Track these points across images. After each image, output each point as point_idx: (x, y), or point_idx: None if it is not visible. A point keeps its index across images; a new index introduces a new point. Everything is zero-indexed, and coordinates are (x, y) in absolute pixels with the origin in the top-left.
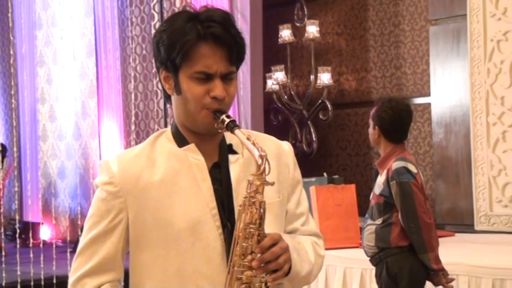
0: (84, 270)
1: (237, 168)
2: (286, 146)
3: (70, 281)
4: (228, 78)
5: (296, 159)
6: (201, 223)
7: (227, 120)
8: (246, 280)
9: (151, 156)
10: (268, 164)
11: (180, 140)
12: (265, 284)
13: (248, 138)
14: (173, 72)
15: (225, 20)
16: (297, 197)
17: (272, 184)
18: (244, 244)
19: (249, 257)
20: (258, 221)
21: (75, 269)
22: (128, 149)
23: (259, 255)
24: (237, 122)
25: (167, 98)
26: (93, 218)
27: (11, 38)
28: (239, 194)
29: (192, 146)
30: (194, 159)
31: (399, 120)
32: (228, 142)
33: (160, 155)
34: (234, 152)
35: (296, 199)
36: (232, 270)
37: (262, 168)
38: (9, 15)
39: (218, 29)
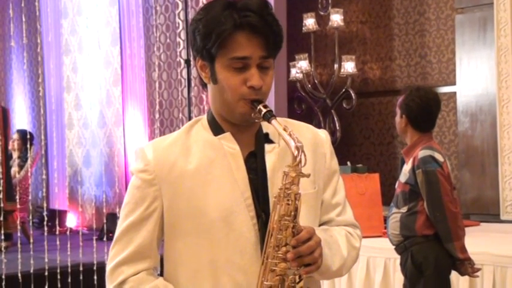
0: (121, 258)
1: (273, 158)
2: (323, 135)
3: (108, 268)
4: (264, 67)
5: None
6: (234, 213)
7: (264, 110)
8: (280, 272)
9: (187, 144)
10: (304, 155)
11: (216, 129)
12: (299, 276)
13: (285, 129)
14: (209, 61)
15: (261, 8)
16: (333, 187)
17: (308, 176)
18: (278, 236)
19: (284, 249)
20: (293, 213)
21: (113, 257)
22: (164, 136)
23: (294, 247)
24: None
25: (203, 86)
26: (128, 206)
27: (38, 27)
28: (274, 183)
29: (227, 135)
30: (229, 148)
31: (427, 109)
32: (264, 131)
33: (195, 143)
34: (271, 142)
35: (332, 189)
36: (266, 262)
37: (298, 159)
38: (36, 4)
39: (254, 17)
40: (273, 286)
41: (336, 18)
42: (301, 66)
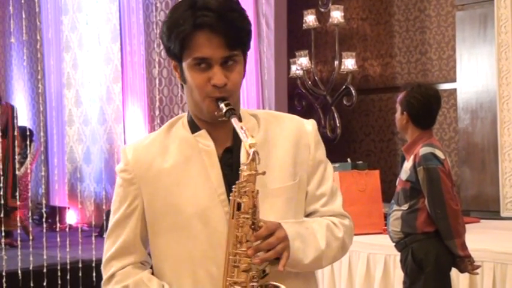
0: (111, 253)
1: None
2: (309, 126)
3: (102, 261)
4: (228, 64)
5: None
6: (209, 209)
7: (225, 108)
8: (244, 268)
9: (165, 143)
10: (257, 154)
11: (193, 127)
12: (263, 271)
13: (242, 127)
14: (178, 62)
15: (222, 5)
16: (318, 177)
17: (263, 173)
18: (237, 233)
19: (245, 246)
20: (251, 210)
21: (105, 252)
22: (145, 136)
23: (255, 243)
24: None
25: (182, 86)
26: (114, 204)
27: (38, 24)
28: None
29: (203, 132)
30: (204, 145)
31: (428, 106)
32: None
33: (173, 142)
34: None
35: (317, 180)
36: (229, 258)
37: (251, 157)
38: (36, 0)
39: (212, 17)
40: (238, 282)
41: (336, 15)
42: (302, 62)
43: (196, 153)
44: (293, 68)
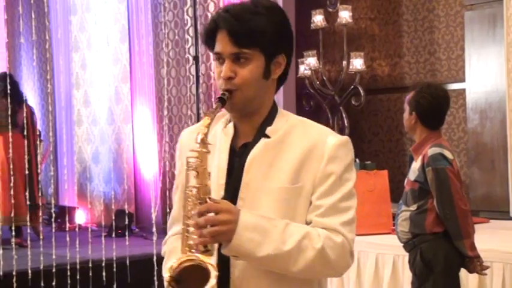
0: (169, 221)
1: (256, 150)
2: (333, 140)
3: None
4: (241, 60)
5: (343, 153)
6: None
7: (216, 100)
8: (188, 241)
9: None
10: (206, 137)
11: (228, 120)
12: (205, 247)
13: (209, 118)
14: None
15: (241, 8)
16: (323, 189)
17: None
18: (187, 206)
19: (191, 221)
20: (198, 185)
21: None
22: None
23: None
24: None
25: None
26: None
27: (47, 24)
28: (249, 173)
29: (230, 125)
30: (223, 140)
31: (437, 107)
32: (273, 125)
33: (212, 132)
34: (267, 136)
35: (322, 191)
36: (183, 229)
37: (200, 138)
38: (45, 0)
39: (227, 18)
40: (188, 260)
41: (345, 15)
42: (310, 63)
43: (216, 147)
44: (301, 68)
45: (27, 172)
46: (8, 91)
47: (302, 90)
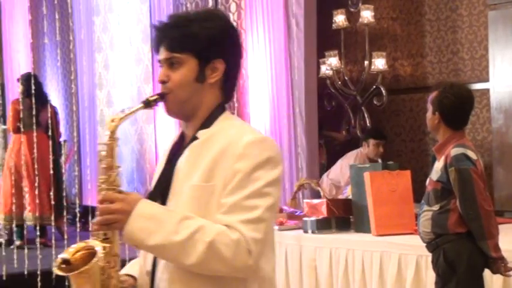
0: None
1: (185, 152)
2: (247, 138)
3: None
4: (174, 65)
5: (254, 151)
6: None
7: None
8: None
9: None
10: (112, 133)
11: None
12: (105, 234)
13: (122, 118)
14: None
15: (176, 16)
16: (230, 187)
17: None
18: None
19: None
20: (105, 177)
21: None
22: None
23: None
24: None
25: None
26: None
27: (70, 24)
28: (177, 175)
29: (180, 132)
30: (168, 144)
31: (460, 107)
32: (208, 128)
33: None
34: (197, 138)
35: (228, 189)
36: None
37: (108, 133)
38: (68, 1)
39: (162, 25)
40: (82, 246)
41: (367, 15)
42: (331, 63)
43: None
44: (323, 68)
45: (51, 172)
46: (32, 91)
47: (323, 90)
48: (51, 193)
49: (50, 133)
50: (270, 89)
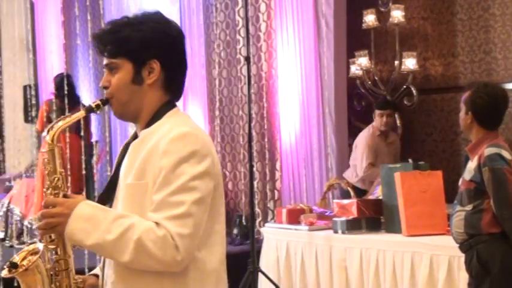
0: None
1: (128, 152)
2: (170, 134)
3: None
4: (113, 71)
5: (176, 146)
6: None
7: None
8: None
9: None
10: (45, 139)
11: None
12: (50, 237)
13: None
14: None
15: (112, 22)
16: (157, 184)
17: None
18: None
19: None
20: (48, 183)
21: None
22: None
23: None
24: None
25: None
26: None
27: (102, 25)
28: (121, 174)
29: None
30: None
31: (494, 106)
32: (149, 128)
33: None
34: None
35: (156, 187)
36: None
37: (47, 140)
38: (100, 2)
39: (99, 32)
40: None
41: (397, 15)
42: (361, 63)
43: None
44: (352, 68)
45: (84, 172)
46: (65, 92)
47: (353, 90)
48: (83, 193)
49: (82, 134)
50: (300, 89)
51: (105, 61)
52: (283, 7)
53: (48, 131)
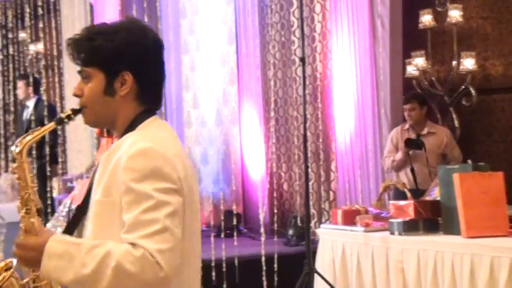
0: None
1: (100, 162)
2: (131, 150)
3: None
4: (85, 79)
5: (137, 163)
6: None
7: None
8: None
9: None
10: (12, 152)
11: None
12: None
13: (31, 134)
14: None
15: (87, 29)
16: (125, 203)
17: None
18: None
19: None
20: (19, 199)
21: None
22: None
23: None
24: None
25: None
26: None
27: (159, 27)
28: (95, 183)
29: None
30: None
31: None
32: (121, 139)
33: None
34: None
35: (124, 206)
36: None
37: (14, 154)
38: (157, 4)
39: (74, 38)
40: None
41: (455, 14)
42: (418, 63)
43: None
44: (409, 68)
45: None
46: None
47: (409, 90)
48: None
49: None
50: (355, 89)
51: (79, 68)
52: (338, 8)
53: (16, 146)
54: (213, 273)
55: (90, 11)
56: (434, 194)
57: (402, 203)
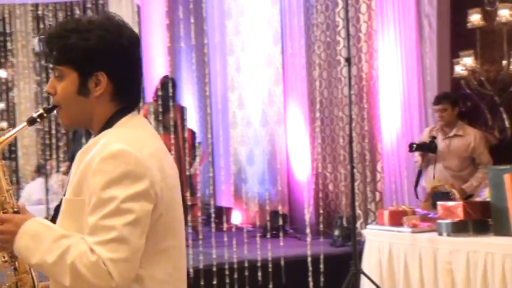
0: None
1: (75, 159)
2: (103, 152)
3: None
4: (57, 76)
5: (107, 166)
6: None
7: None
8: None
9: None
10: None
11: None
12: (4, 257)
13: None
14: None
15: (59, 25)
16: (91, 205)
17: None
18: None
19: None
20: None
21: None
22: None
23: None
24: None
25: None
26: None
27: (205, 28)
28: (69, 181)
29: None
30: None
31: None
32: (96, 138)
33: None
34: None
35: (90, 208)
36: None
37: None
38: (203, 5)
39: (48, 34)
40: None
41: (505, 13)
42: (466, 63)
43: None
44: (457, 68)
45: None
46: (170, 94)
47: (457, 91)
48: (187, 194)
49: (185, 134)
50: (401, 90)
51: (52, 65)
52: (384, 8)
53: None
54: (259, 273)
55: (138, 12)
56: (484, 195)
57: (450, 203)
